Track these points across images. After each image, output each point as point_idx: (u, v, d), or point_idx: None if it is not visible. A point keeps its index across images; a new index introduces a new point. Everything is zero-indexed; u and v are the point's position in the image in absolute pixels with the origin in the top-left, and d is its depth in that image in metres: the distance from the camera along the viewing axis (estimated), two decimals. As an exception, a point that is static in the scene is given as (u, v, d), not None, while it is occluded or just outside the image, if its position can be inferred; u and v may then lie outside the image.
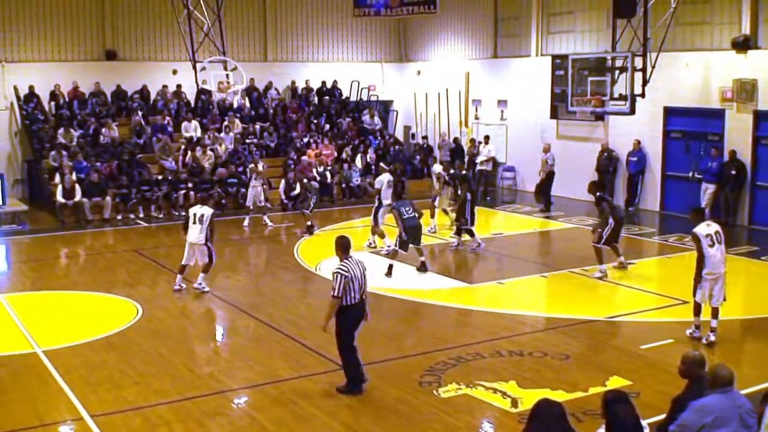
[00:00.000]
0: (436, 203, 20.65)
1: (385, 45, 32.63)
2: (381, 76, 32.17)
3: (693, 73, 21.67)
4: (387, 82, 32.27)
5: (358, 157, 27.14)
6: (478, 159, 26.11)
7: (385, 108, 32.25)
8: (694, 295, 11.99)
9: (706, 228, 11.97)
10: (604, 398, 6.40)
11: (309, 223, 20.31)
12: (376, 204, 18.52)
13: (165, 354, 11.66)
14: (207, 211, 14.77)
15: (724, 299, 11.96)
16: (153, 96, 27.85)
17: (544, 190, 24.15)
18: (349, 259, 9.97)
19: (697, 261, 11.85)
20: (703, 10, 21.72)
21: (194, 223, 14.71)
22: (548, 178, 23.98)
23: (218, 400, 9.94)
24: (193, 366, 11.20)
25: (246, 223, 21.44)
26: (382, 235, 18.16)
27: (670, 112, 22.65)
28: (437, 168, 21.28)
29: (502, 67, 28.19)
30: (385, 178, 18.69)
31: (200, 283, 14.88)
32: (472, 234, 18.11)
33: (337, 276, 9.74)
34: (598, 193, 16.17)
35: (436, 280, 15.85)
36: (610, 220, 15.67)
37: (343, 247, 10.05)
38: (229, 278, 16.57)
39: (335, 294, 9.74)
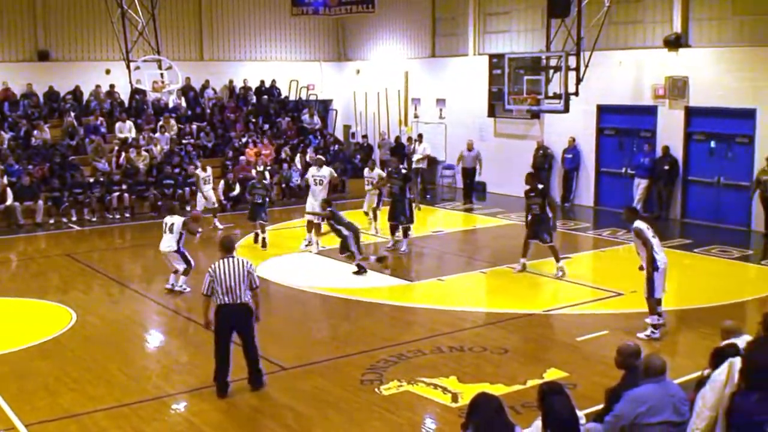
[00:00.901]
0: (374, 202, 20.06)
1: (323, 44, 32.58)
2: (320, 76, 32.10)
3: (626, 71, 22.06)
4: (326, 81, 32.23)
5: (298, 156, 27.05)
6: (414, 157, 26.23)
7: (324, 107, 32.22)
8: (653, 294, 11.93)
9: (643, 222, 12.26)
10: (540, 390, 6.49)
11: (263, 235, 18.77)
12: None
13: (100, 360, 11.49)
14: (177, 219, 14.75)
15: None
16: (86, 96, 27.42)
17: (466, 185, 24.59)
18: (224, 259, 9.86)
19: (648, 257, 11.93)
20: (636, 9, 22.12)
21: (165, 232, 14.66)
22: (467, 174, 24.39)
23: (156, 406, 9.83)
24: (129, 371, 11.05)
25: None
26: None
27: (603, 110, 23.03)
28: (378, 171, 20.21)
29: (440, 67, 28.36)
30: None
31: (181, 285, 14.76)
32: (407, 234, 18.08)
33: (206, 274, 9.89)
34: (540, 186, 16.21)
35: (376, 278, 15.87)
36: (550, 214, 15.82)
37: (221, 246, 10.12)
38: (166, 281, 16.37)
39: (202, 291, 9.98)
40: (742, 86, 19.60)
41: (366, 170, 20.45)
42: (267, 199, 19.13)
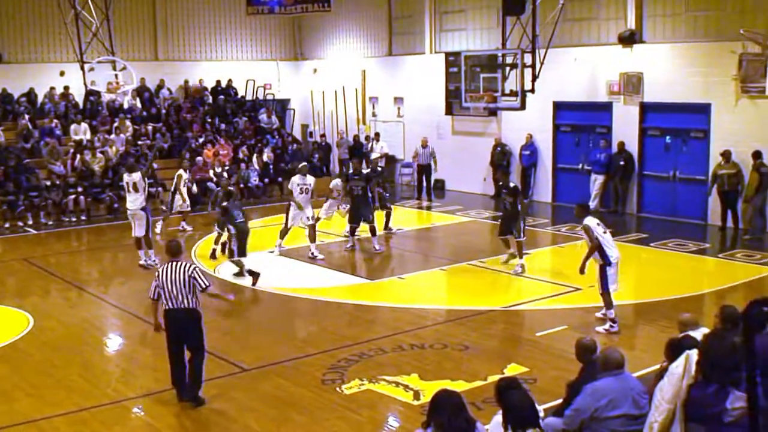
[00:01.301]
0: (333, 211, 19.39)
1: (280, 43, 32.46)
2: (277, 75, 31.97)
3: (581, 68, 22.26)
4: (283, 80, 32.10)
5: (255, 156, 26.94)
6: (372, 156, 26.23)
7: (282, 106, 32.11)
8: (606, 288, 12.16)
9: (593, 219, 12.60)
10: (497, 386, 6.55)
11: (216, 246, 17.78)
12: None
13: (59, 365, 11.36)
14: (137, 176, 14.74)
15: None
16: (40, 99, 27.07)
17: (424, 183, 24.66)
18: (169, 263, 9.68)
19: (599, 252, 12.23)
20: (590, 7, 22.32)
21: (129, 192, 14.67)
22: (422, 171, 24.48)
23: (115, 410, 9.74)
24: (88, 376, 10.93)
25: (159, 229, 20.46)
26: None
27: (559, 107, 23.22)
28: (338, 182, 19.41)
29: (397, 65, 28.40)
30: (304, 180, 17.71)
31: (153, 260, 14.76)
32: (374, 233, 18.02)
33: (153, 279, 9.79)
34: (512, 184, 16.39)
35: (336, 277, 15.86)
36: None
37: (167, 249, 10.04)
38: (125, 284, 16.27)
39: (149, 296, 9.88)
40: (696, 82, 19.85)
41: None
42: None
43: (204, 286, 9.63)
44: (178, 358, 9.77)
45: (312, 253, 17.25)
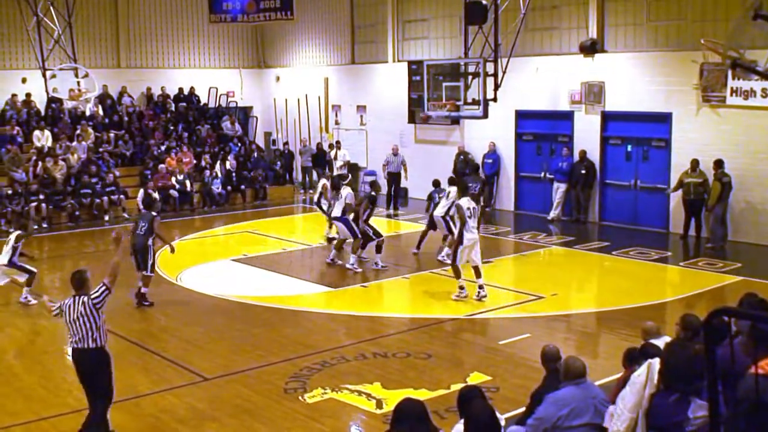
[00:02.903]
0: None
1: (242, 51, 32.33)
2: (240, 83, 31.85)
3: (543, 77, 22.39)
4: (246, 88, 31.98)
5: (218, 164, 26.79)
6: (336, 164, 26.21)
7: (245, 114, 31.98)
8: (455, 261, 14.11)
9: (468, 202, 14.25)
10: (459, 395, 6.55)
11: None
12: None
13: (18, 373, 11.22)
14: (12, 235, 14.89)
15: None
16: (2, 105, 26.69)
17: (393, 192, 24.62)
18: (73, 299, 8.65)
19: (459, 229, 14.12)
20: (552, 16, 22.49)
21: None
22: (392, 179, 24.49)
23: (76, 419, 9.55)
24: (48, 384, 10.79)
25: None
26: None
27: (521, 115, 23.34)
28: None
29: (360, 73, 28.41)
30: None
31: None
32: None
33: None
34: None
35: (299, 286, 15.80)
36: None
37: (71, 281, 8.84)
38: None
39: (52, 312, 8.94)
40: (657, 91, 20.05)
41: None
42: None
43: (100, 294, 8.60)
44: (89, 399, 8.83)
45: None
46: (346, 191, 16.96)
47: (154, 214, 14.69)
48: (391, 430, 6.23)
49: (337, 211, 16.88)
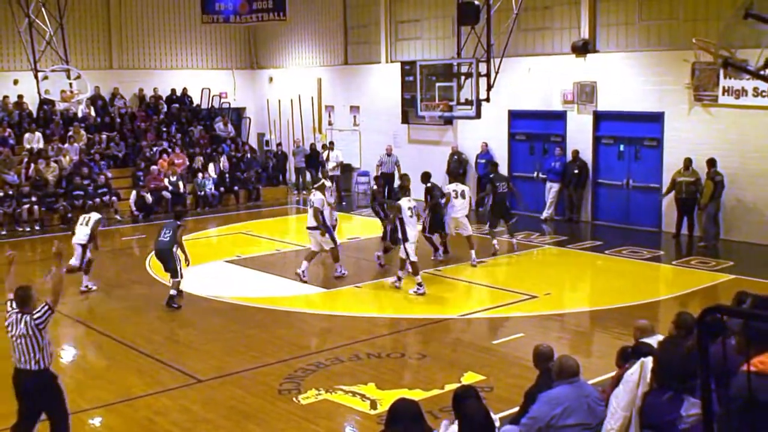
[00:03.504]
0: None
1: (235, 52, 32.31)
2: (232, 84, 31.82)
3: (535, 78, 22.42)
4: (239, 89, 31.96)
5: (211, 165, 26.76)
6: (329, 165, 26.20)
7: (238, 115, 31.95)
8: (410, 258, 14.79)
9: (408, 202, 15.10)
10: (454, 394, 6.56)
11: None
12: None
13: (10, 375, 11.15)
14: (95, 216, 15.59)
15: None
16: (-7, 107, 26.68)
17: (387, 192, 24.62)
18: (16, 315, 8.17)
19: (401, 228, 14.78)
20: (544, 16, 22.52)
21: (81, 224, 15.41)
22: (386, 180, 24.46)
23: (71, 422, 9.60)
24: (42, 387, 10.76)
25: None
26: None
27: (514, 115, 23.37)
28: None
29: (353, 74, 28.41)
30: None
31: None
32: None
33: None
34: (429, 183, 17.49)
35: (293, 287, 15.78)
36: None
37: (14, 297, 8.33)
38: (78, 294, 16.04)
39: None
40: (649, 90, 20.09)
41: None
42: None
43: (43, 315, 8.10)
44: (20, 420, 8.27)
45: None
46: (316, 196, 15.87)
47: (178, 223, 14.66)
48: (385, 430, 6.23)
49: (310, 221, 15.87)
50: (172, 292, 14.52)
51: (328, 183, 17.60)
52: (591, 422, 6.64)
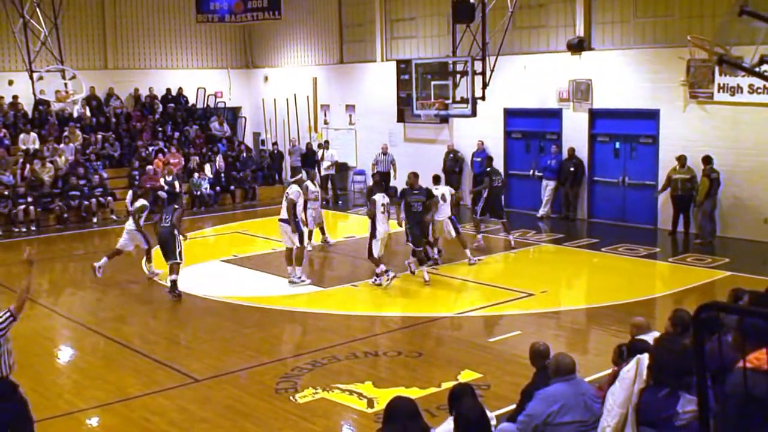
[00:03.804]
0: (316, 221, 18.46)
1: (230, 51, 32.27)
2: (228, 83, 31.80)
3: (531, 75, 22.42)
4: (234, 88, 31.93)
5: (207, 165, 26.75)
6: (324, 165, 26.18)
7: (233, 115, 31.93)
8: (373, 255, 15.29)
9: (382, 198, 15.46)
10: (451, 392, 6.57)
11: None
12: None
13: (9, 377, 11.16)
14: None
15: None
16: (-12, 108, 26.63)
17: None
18: None
19: (372, 225, 15.33)
20: (539, 14, 22.53)
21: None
22: (382, 178, 24.46)
23: (67, 422, 9.61)
24: (40, 388, 10.73)
25: None
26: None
27: (510, 113, 23.37)
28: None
29: (348, 73, 28.40)
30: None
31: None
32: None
33: None
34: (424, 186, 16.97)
35: (289, 286, 15.77)
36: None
37: None
38: (75, 295, 16.06)
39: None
40: (644, 87, 20.10)
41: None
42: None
43: (4, 321, 7.70)
44: None
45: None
46: (291, 189, 15.59)
47: (176, 207, 15.74)
48: (382, 428, 6.23)
49: (282, 213, 15.68)
50: (173, 276, 14.89)
51: (304, 178, 17.17)
52: (587, 420, 6.66)
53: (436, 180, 17.57)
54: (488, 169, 18.99)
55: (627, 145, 20.98)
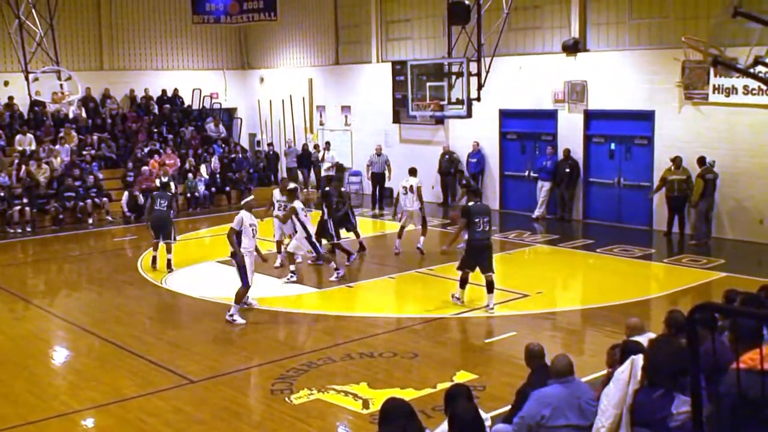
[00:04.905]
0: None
1: (226, 52, 32.26)
2: (224, 84, 31.79)
3: (526, 77, 22.45)
4: (230, 89, 31.92)
5: (203, 166, 26.73)
6: (324, 166, 26.19)
7: (229, 116, 31.91)
8: (290, 247, 15.79)
9: (300, 204, 15.68)
10: (447, 393, 6.56)
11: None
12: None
13: (5, 378, 11.16)
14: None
15: None
16: (-17, 109, 26.60)
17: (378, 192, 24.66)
18: None
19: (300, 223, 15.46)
20: (534, 16, 22.56)
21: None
22: (376, 180, 24.50)
23: (63, 423, 9.60)
24: (35, 389, 10.75)
25: None
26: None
27: (505, 115, 23.40)
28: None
29: (344, 74, 28.41)
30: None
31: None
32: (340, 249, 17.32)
33: None
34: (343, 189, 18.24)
35: (284, 287, 15.78)
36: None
37: None
38: (71, 296, 16.04)
39: None
40: (639, 89, 20.14)
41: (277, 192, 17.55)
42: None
43: None
44: None
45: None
46: (298, 204, 15.92)
47: (170, 193, 17.41)
48: (378, 429, 6.23)
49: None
50: (170, 256, 16.90)
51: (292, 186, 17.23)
52: (582, 424, 6.61)
53: (412, 172, 18.33)
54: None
55: (622, 146, 21.01)
